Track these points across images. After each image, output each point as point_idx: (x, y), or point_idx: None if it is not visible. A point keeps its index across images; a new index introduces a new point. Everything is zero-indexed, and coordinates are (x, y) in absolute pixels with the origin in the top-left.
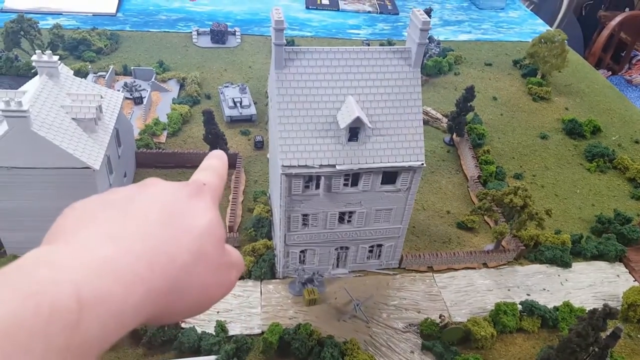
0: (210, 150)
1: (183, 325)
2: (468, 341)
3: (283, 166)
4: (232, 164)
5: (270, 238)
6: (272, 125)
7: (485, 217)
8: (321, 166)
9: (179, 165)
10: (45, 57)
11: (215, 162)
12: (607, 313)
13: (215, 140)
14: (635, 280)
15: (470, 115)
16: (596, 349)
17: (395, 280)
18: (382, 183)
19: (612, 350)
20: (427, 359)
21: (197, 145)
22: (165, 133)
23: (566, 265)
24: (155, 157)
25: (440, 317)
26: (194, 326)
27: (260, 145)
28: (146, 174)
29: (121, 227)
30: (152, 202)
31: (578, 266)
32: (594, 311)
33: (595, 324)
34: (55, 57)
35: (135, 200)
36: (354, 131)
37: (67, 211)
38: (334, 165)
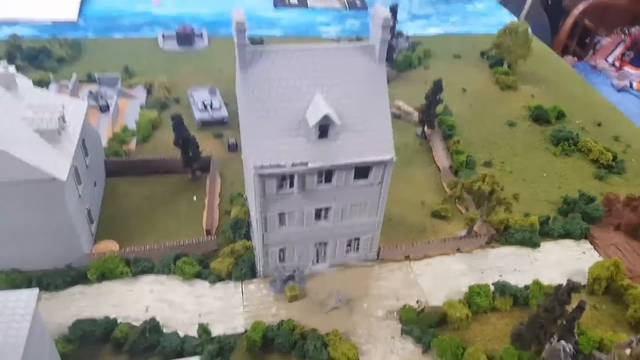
0: (183, 155)
1: (165, 329)
2: (445, 323)
3: (255, 166)
4: (207, 167)
5: (249, 238)
6: (242, 127)
7: (458, 205)
8: (293, 165)
9: (150, 173)
10: (0, 69)
11: None
12: (571, 287)
13: (186, 144)
14: (600, 255)
15: (440, 108)
16: (564, 322)
17: (374, 271)
18: (355, 178)
19: (578, 322)
20: (407, 343)
21: (169, 151)
22: (134, 140)
23: (535, 245)
24: (125, 165)
25: (417, 302)
26: (176, 330)
27: (234, 148)
28: (116, 183)
29: None
30: None
31: (546, 246)
32: (558, 287)
33: (560, 299)
34: (12, 68)
35: None
36: (324, 128)
37: None
38: (306, 163)
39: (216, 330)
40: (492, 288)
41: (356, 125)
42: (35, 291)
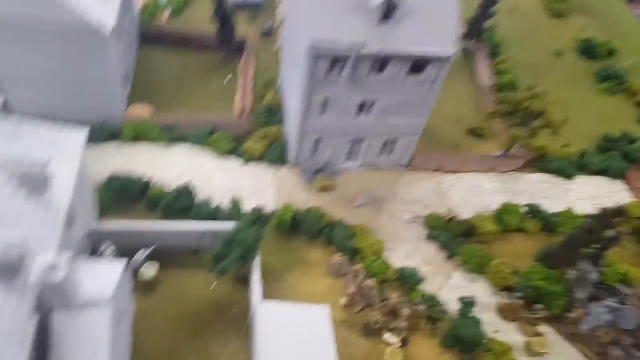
0: (219, 31)
1: (197, 198)
2: (472, 235)
3: (310, 44)
4: (241, 49)
5: (282, 125)
6: (294, 5)
7: (495, 126)
8: (350, 45)
9: (182, 46)
10: None
11: None
12: (618, 211)
13: (224, 19)
14: (635, 197)
15: (489, 23)
16: (597, 246)
17: (405, 177)
18: (408, 72)
19: (606, 253)
20: (432, 247)
21: (202, 28)
22: (167, 12)
23: (570, 176)
24: (159, 34)
25: (448, 211)
26: (207, 199)
27: (268, 33)
28: (149, 51)
29: None
30: None
31: (581, 179)
32: (605, 209)
33: (604, 222)
34: None
35: None
36: (388, 10)
37: None
38: (363, 46)
39: (247, 206)
40: (523, 209)
41: (421, 13)
42: (84, 130)
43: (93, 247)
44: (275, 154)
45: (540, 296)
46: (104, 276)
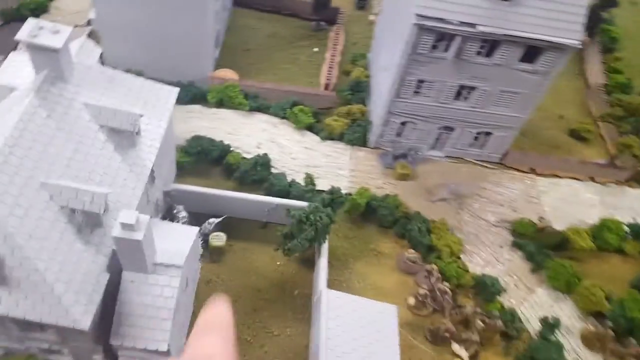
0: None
1: (273, 170)
2: (563, 249)
3: (417, 15)
4: (333, 19)
5: (365, 104)
6: None
7: (602, 130)
8: (461, 23)
9: (274, 11)
10: None
11: (218, 319)
12: None
13: None
14: None
15: (608, 14)
16: None
17: (494, 175)
18: (519, 60)
19: None
20: (516, 256)
21: None
22: None
23: None
24: None
25: (539, 219)
26: (284, 172)
27: (362, 4)
28: (241, 15)
29: None
30: None
31: None
32: None
33: None
34: None
35: None
36: None
37: None
38: (474, 25)
39: (320, 185)
40: (626, 228)
41: None
42: (175, 89)
43: (168, 208)
44: (355, 133)
45: (634, 329)
46: (178, 242)
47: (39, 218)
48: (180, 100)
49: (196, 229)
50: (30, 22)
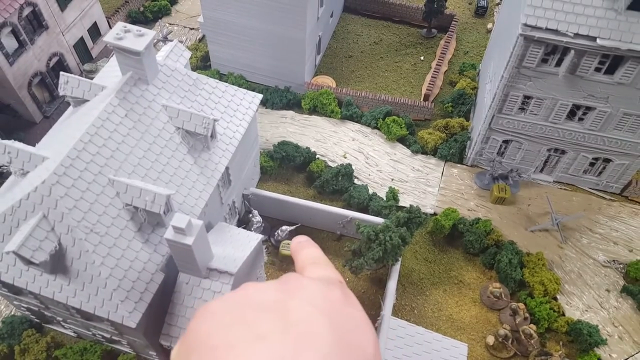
0: (427, 4)
1: (355, 181)
2: None
3: (524, 25)
4: (446, 26)
5: (467, 119)
6: None
7: None
8: (576, 35)
9: (385, 17)
10: None
11: (319, 252)
12: None
13: None
14: None
15: None
16: None
17: (611, 207)
18: None
19: None
20: (625, 304)
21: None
22: None
23: None
24: (364, 4)
25: None
26: (366, 185)
27: (482, 12)
28: (349, 20)
29: (292, 351)
30: (313, 315)
31: None
32: None
33: None
34: None
35: (290, 309)
36: None
37: (204, 315)
38: (594, 38)
39: (404, 202)
40: None
41: None
42: (259, 95)
43: (245, 211)
44: (451, 149)
45: None
46: (238, 249)
47: (102, 213)
48: (275, 106)
49: (259, 236)
50: (118, 25)
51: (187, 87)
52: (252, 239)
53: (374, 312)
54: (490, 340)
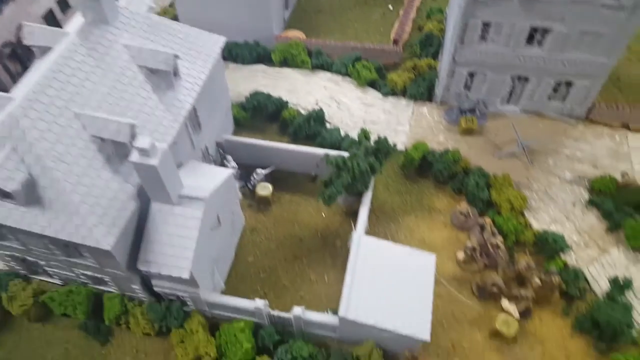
0: None
1: (328, 125)
2: None
3: None
4: None
5: (435, 58)
6: None
7: None
8: None
9: None
10: None
11: None
12: None
13: None
14: None
15: None
16: None
17: (576, 130)
18: None
19: None
20: (590, 215)
21: None
22: None
23: None
24: None
25: (623, 174)
26: (338, 128)
27: None
28: None
29: None
30: None
31: None
32: None
33: None
34: None
35: None
36: None
37: None
38: None
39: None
40: None
41: None
42: (222, 38)
43: (221, 159)
44: (420, 88)
45: None
46: (209, 180)
47: (70, 144)
48: (245, 60)
49: (230, 170)
50: None
51: (149, 29)
52: (222, 172)
53: (348, 242)
54: (460, 255)
